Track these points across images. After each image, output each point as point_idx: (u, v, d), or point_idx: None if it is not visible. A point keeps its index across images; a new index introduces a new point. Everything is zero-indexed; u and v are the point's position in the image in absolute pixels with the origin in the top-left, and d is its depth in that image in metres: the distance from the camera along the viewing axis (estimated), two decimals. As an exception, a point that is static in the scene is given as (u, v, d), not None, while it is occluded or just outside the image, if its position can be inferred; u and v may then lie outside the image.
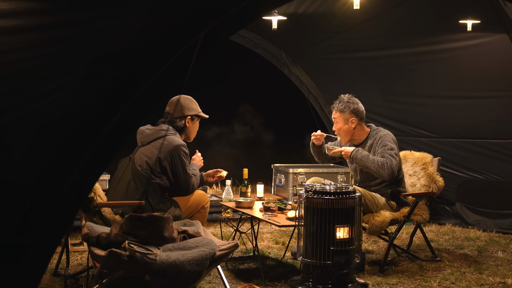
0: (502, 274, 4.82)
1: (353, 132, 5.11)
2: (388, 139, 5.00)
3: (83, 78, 1.95)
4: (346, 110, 5.08)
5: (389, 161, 4.88)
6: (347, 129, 5.10)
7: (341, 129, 5.11)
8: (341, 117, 5.09)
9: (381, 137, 5.02)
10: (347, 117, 5.08)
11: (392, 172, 4.88)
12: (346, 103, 5.10)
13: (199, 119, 4.71)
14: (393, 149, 4.95)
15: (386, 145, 4.96)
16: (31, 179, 1.90)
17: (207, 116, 4.74)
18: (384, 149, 4.95)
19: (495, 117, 6.37)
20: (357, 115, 5.08)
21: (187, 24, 1.94)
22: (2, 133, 1.90)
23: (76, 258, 5.14)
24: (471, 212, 6.74)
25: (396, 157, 4.94)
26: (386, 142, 4.98)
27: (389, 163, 4.87)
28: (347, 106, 5.09)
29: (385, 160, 4.88)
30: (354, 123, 5.08)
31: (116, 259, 3.32)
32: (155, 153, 4.45)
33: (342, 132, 5.13)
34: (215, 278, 4.55)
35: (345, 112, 5.08)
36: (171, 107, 4.64)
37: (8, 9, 1.92)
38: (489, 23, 5.71)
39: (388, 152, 4.92)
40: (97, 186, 4.25)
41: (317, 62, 7.51)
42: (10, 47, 1.93)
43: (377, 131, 5.11)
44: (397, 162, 4.94)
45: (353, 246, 4.23)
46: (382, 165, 4.87)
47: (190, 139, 4.73)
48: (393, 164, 4.88)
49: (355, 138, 5.15)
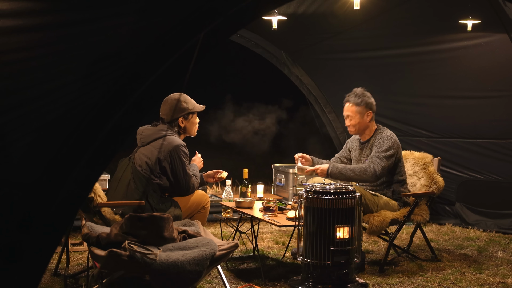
0: (502, 274, 4.82)
1: (367, 127, 5.07)
2: (387, 141, 4.95)
3: (83, 78, 1.95)
4: (362, 104, 5.03)
5: (373, 165, 4.85)
6: (364, 124, 5.05)
7: (357, 124, 5.04)
8: (357, 111, 5.03)
9: (382, 137, 4.99)
10: (363, 111, 5.03)
11: (376, 176, 4.85)
12: (362, 96, 5.05)
13: (194, 114, 4.66)
14: (387, 150, 4.91)
15: (381, 146, 4.93)
16: (31, 179, 1.90)
17: (202, 107, 4.67)
18: (377, 151, 4.92)
19: (495, 117, 6.37)
20: (371, 109, 5.06)
21: (187, 24, 1.94)
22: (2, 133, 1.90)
23: (76, 258, 5.14)
24: (471, 212, 6.74)
25: (386, 160, 4.88)
26: (382, 143, 4.95)
27: (372, 168, 4.84)
28: (364, 100, 5.04)
29: (367, 166, 4.86)
30: (370, 116, 5.05)
31: (116, 259, 3.32)
32: (155, 153, 4.45)
33: (356, 127, 5.06)
34: (215, 278, 4.55)
35: (361, 106, 5.03)
36: (163, 112, 4.62)
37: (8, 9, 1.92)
38: (489, 23, 5.71)
39: (377, 155, 4.89)
40: (97, 186, 4.25)
41: (317, 62, 7.51)
42: (10, 47, 1.93)
43: (381, 130, 5.09)
44: (386, 164, 4.88)
45: (353, 246, 4.23)
46: (364, 171, 4.85)
47: (192, 134, 4.70)
48: (378, 167, 4.84)
49: (365, 134, 5.11)
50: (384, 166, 4.88)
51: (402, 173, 5.09)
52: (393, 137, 5.03)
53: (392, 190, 5.06)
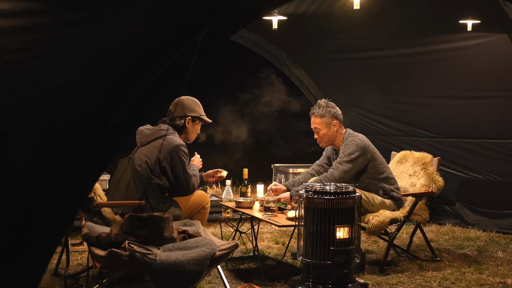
0: (502, 274, 4.82)
1: (336, 136, 5.13)
2: (349, 146, 4.99)
3: (83, 78, 1.95)
4: (327, 115, 5.10)
5: (332, 171, 4.94)
6: (331, 134, 5.12)
7: (325, 135, 5.11)
8: (323, 123, 5.10)
9: (345, 144, 5.05)
10: (329, 121, 5.10)
11: (337, 180, 4.89)
12: (325, 108, 5.13)
13: (200, 122, 4.70)
14: (349, 154, 4.96)
15: (344, 151, 5.00)
16: (31, 179, 1.90)
17: (210, 120, 4.75)
18: (340, 156, 5.00)
19: (495, 117, 6.37)
20: (337, 119, 5.12)
21: (187, 24, 1.94)
22: (2, 133, 1.90)
23: (76, 258, 5.14)
24: (471, 212, 6.74)
25: (348, 163, 4.94)
26: (345, 148, 5.01)
27: (329, 174, 4.93)
28: (328, 111, 5.11)
29: (323, 175, 4.94)
30: (336, 126, 5.11)
31: (116, 259, 3.32)
32: (155, 153, 4.45)
33: (325, 138, 5.13)
34: (215, 278, 4.55)
35: (326, 117, 5.10)
36: (174, 106, 4.66)
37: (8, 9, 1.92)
38: (489, 23, 5.71)
39: (338, 160, 4.98)
40: (97, 186, 4.25)
41: (317, 62, 7.51)
42: (10, 47, 1.93)
43: (347, 136, 5.12)
44: (348, 167, 4.93)
45: (353, 246, 4.23)
46: (321, 181, 4.89)
47: (189, 140, 4.71)
48: (337, 172, 4.91)
49: (335, 143, 5.16)
50: (345, 170, 4.93)
51: (381, 171, 5.09)
52: (357, 140, 5.04)
53: (381, 189, 5.07)
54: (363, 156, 4.99)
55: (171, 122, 4.62)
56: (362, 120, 7.38)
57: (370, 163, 5.04)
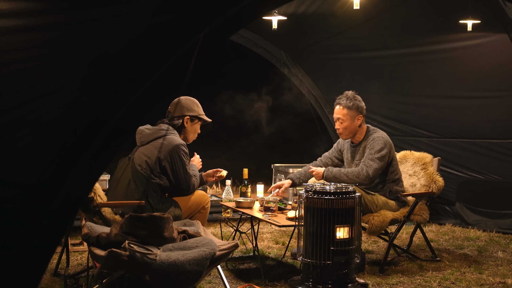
0: (502, 274, 4.82)
1: (357, 130, 5.08)
2: (379, 142, 4.96)
3: (83, 78, 1.95)
4: (353, 108, 5.02)
5: (366, 168, 4.87)
6: (354, 127, 5.05)
7: (348, 128, 5.04)
8: (348, 115, 5.02)
9: (373, 139, 5.00)
10: (354, 115, 5.03)
11: (369, 178, 4.88)
12: (353, 100, 5.04)
13: (199, 122, 4.69)
14: (380, 151, 4.92)
15: (373, 147, 4.95)
16: (31, 179, 1.90)
17: (209, 120, 4.72)
18: (369, 153, 4.94)
19: (495, 117, 6.37)
20: (362, 113, 5.07)
21: (187, 24, 1.94)
22: (2, 133, 1.90)
23: (76, 258, 5.14)
24: (471, 212, 6.74)
25: (379, 161, 4.90)
26: (374, 145, 4.96)
27: (365, 171, 4.87)
28: (355, 104, 5.03)
29: (360, 169, 4.88)
30: (360, 120, 5.05)
31: (116, 259, 3.32)
32: (155, 153, 4.45)
33: (347, 131, 5.07)
34: (215, 278, 4.55)
35: (352, 109, 5.02)
36: (172, 107, 4.66)
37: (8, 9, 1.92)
38: (489, 23, 5.71)
39: (369, 157, 4.92)
40: (97, 186, 4.25)
41: (317, 62, 7.51)
42: (10, 47, 1.93)
43: (372, 132, 5.09)
44: (379, 165, 4.90)
45: (353, 246, 4.23)
46: (357, 175, 4.88)
47: (188, 140, 4.70)
48: (371, 170, 4.86)
49: (355, 137, 5.13)
50: (377, 168, 4.90)
51: (396, 172, 5.09)
52: (385, 137, 5.03)
53: (389, 190, 5.06)
54: (390, 153, 5.00)
55: (170, 122, 4.62)
56: (362, 120, 7.38)
57: (391, 162, 5.04)
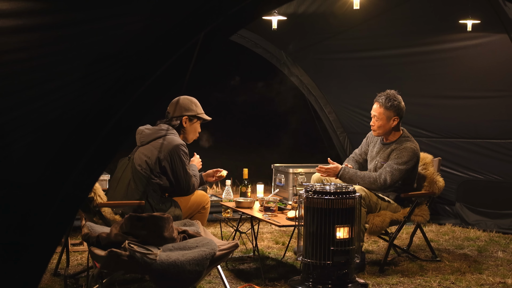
0: (502, 274, 4.82)
1: (392, 131, 5.03)
2: (408, 153, 4.88)
3: (83, 78, 1.95)
4: (392, 109, 4.97)
5: (385, 175, 4.83)
6: (388, 127, 4.99)
7: (382, 127, 4.99)
8: (385, 114, 4.97)
9: (404, 148, 4.91)
10: (390, 115, 4.98)
11: (385, 186, 4.85)
12: (393, 100, 4.97)
13: (199, 121, 4.68)
14: (406, 163, 4.85)
15: (401, 157, 4.87)
16: (31, 179, 1.90)
17: (209, 118, 4.70)
18: (395, 161, 4.87)
19: (495, 117, 6.37)
20: (399, 115, 5.01)
21: (187, 24, 1.94)
22: (2, 133, 1.90)
23: (76, 258, 5.14)
24: (471, 212, 6.74)
25: (402, 173, 4.85)
26: (402, 154, 4.88)
27: (383, 178, 4.83)
28: (394, 105, 4.97)
29: (378, 176, 4.85)
30: (396, 122, 5.00)
31: (116, 259, 3.32)
32: (155, 153, 4.45)
33: (381, 129, 5.02)
34: (215, 278, 4.55)
35: (390, 110, 4.97)
36: (171, 107, 4.65)
37: (8, 9, 1.92)
38: (489, 23, 5.71)
39: (393, 166, 4.84)
40: (97, 186, 4.25)
41: (317, 62, 7.51)
42: (10, 47, 1.93)
43: (406, 139, 5.01)
44: (400, 177, 4.86)
45: (353, 246, 4.22)
46: (374, 181, 4.85)
47: (188, 140, 4.69)
48: (390, 178, 4.82)
49: (388, 137, 5.07)
50: (397, 179, 4.86)
51: (413, 182, 5.09)
52: (415, 149, 4.96)
53: (396, 194, 5.05)
54: (415, 166, 4.96)
55: (169, 123, 4.61)
56: (362, 120, 7.38)
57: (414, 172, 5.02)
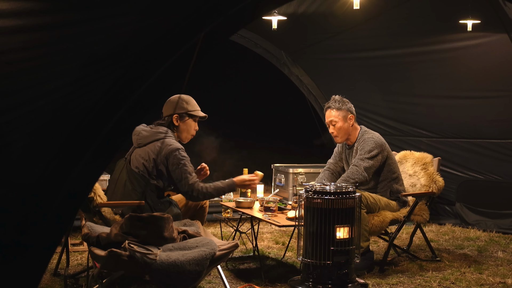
0: (502, 274, 4.82)
1: (351, 131, 5.13)
2: (368, 143, 5.01)
3: (83, 78, 1.95)
4: (343, 108, 5.12)
5: (356, 168, 4.90)
6: (347, 127, 5.12)
7: (341, 128, 5.10)
8: (340, 115, 5.10)
9: (364, 140, 5.06)
10: (345, 115, 5.11)
11: (363, 175, 4.89)
12: (341, 101, 5.15)
13: (191, 119, 4.51)
14: (369, 152, 4.96)
15: (363, 148, 5.00)
16: (31, 179, 1.90)
17: (203, 114, 4.54)
18: (360, 154, 4.99)
19: (495, 117, 6.37)
20: (352, 113, 5.14)
21: (187, 24, 1.94)
22: (2, 133, 1.90)
23: (76, 258, 5.14)
24: (471, 212, 6.74)
25: (369, 160, 4.93)
26: (364, 145, 5.01)
27: (355, 169, 4.89)
28: (344, 104, 5.14)
29: (352, 171, 4.90)
30: (352, 120, 5.13)
31: (116, 259, 3.32)
32: (152, 156, 4.33)
33: (341, 132, 5.12)
34: (215, 278, 4.55)
35: (342, 110, 5.12)
36: (164, 108, 4.56)
37: (8, 9, 1.92)
38: (489, 23, 5.71)
39: (359, 157, 4.96)
40: (97, 186, 4.24)
41: (317, 62, 7.51)
42: (10, 47, 1.93)
43: (364, 132, 5.14)
44: (370, 164, 4.92)
45: (353, 246, 4.23)
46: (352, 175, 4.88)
47: (182, 139, 4.53)
48: (360, 168, 4.89)
49: (350, 138, 5.16)
50: (368, 166, 4.93)
51: (394, 171, 5.11)
52: (375, 137, 5.06)
53: (389, 190, 5.07)
54: (381, 154, 5.02)
55: (161, 122, 4.50)
56: (362, 120, 7.38)
57: (386, 161, 5.05)
